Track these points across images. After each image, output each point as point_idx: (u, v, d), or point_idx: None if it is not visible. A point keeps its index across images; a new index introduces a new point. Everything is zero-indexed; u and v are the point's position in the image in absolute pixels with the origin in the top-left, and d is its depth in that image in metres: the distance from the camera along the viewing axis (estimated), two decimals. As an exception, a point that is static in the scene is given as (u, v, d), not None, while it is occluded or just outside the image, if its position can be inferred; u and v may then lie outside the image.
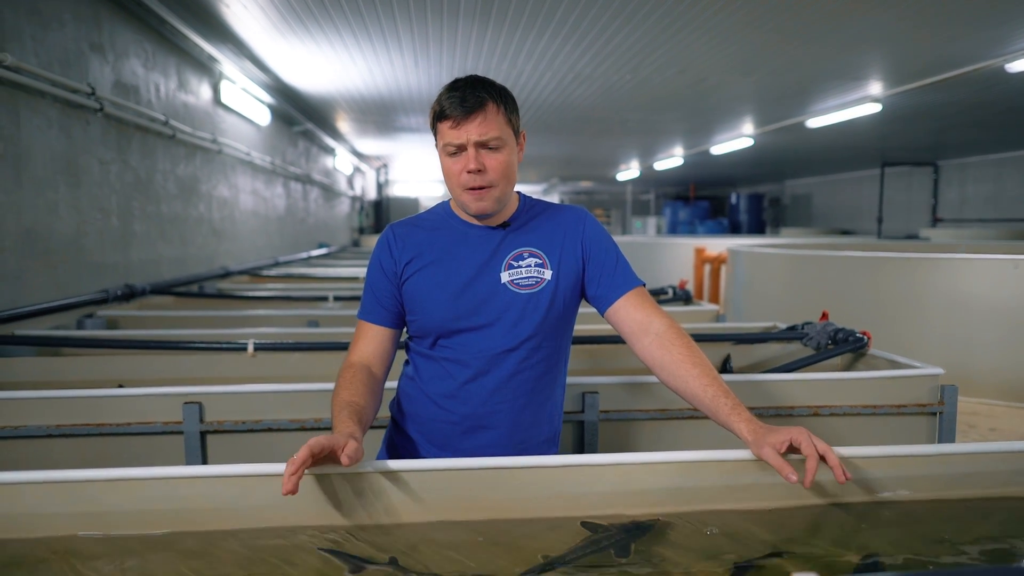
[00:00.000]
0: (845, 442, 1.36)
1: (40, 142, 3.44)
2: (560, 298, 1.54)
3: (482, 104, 1.43)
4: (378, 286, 1.56)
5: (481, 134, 1.43)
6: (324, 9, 4.74)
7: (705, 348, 2.88)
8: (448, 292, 1.51)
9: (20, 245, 3.29)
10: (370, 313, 1.57)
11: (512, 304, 1.50)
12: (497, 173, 1.46)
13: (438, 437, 1.55)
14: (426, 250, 1.54)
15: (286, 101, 7.68)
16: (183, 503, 1.22)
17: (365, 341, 1.56)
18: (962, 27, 5.15)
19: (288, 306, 4.19)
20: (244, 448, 2.03)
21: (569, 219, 1.59)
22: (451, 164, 1.47)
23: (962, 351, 4.84)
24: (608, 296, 1.55)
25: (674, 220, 21.02)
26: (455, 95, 1.43)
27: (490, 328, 1.50)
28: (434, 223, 1.59)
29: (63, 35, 3.65)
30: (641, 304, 1.54)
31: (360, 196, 16.40)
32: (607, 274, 1.55)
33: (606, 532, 1.21)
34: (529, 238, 1.55)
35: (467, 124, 1.42)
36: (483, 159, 1.44)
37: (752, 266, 6.38)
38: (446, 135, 1.45)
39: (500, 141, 1.45)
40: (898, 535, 1.22)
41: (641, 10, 4.74)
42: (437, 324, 1.52)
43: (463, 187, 1.46)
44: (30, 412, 1.96)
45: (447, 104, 1.44)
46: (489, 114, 1.43)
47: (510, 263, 1.52)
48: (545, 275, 1.53)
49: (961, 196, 13.59)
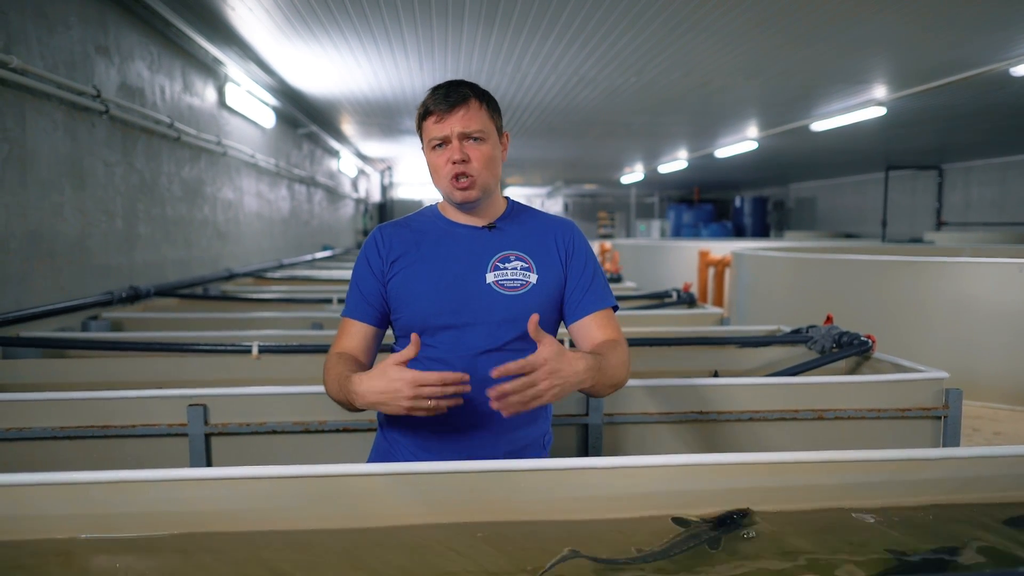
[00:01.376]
0: (850, 445, 1.36)
1: (46, 144, 3.46)
2: (545, 302, 1.55)
3: (465, 99, 1.49)
4: (364, 284, 1.57)
5: (464, 126, 1.48)
6: (329, 12, 4.75)
7: (709, 351, 2.90)
8: (432, 288, 1.52)
9: (25, 247, 3.30)
10: (354, 310, 1.58)
11: (496, 305, 1.51)
12: (480, 163, 1.50)
13: (424, 439, 1.55)
14: (412, 248, 1.56)
15: (291, 104, 7.70)
16: (188, 505, 1.22)
17: (348, 337, 1.57)
18: (967, 31, 5.15)
19: (292, 308, 4.20)
20: (248, 450, 2.03)
21: (556, 228, 1.61)
22: (436, 158, 1.51)
23: (966, 355, 4.82)
24: (577, 312, 1.57)
25: (678, 223, 21.00)
26: (438, 92, 1.50)
27: (472, 328, 1.51)
28: (421, 223, 1.61)
29: (69, 38, 3.66)
30: (604, 326, 1.56)
31: (364, 198, 16.42)
32: (581, 289, 1.57)
33: (698, 527, 1.22)
34: (516, 241, 1.57)
35: (450, 117, 1.48)
36: (467, 150, 1.49)
37: (756, 269, 6.38)
38: (431, 130, 1.50)
39: (483, 133, 1.50)
40: (902, 540, 1.22)
41: (646, 13, 4.74)
42: (420, 320, 1.52)
43: (448, 177, 1.50)
44: (35, 414, 1.96)
45: (431, 102, 1.50)
46: (472, 108, 1.49)
47: (496, 264, 1.54)
48: (531, 278, 1.54)
49: (966, 200, 13.55)
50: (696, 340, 2.91)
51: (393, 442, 1.60)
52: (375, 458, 1.65)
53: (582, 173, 18.30)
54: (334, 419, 2.03)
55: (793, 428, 2.15)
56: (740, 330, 3.26)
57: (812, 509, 1.30)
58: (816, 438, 2.15)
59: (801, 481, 1.31)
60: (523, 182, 21.40)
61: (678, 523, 1.24)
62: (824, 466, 1.32)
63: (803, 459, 1.31)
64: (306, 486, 1.23)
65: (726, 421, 2.13)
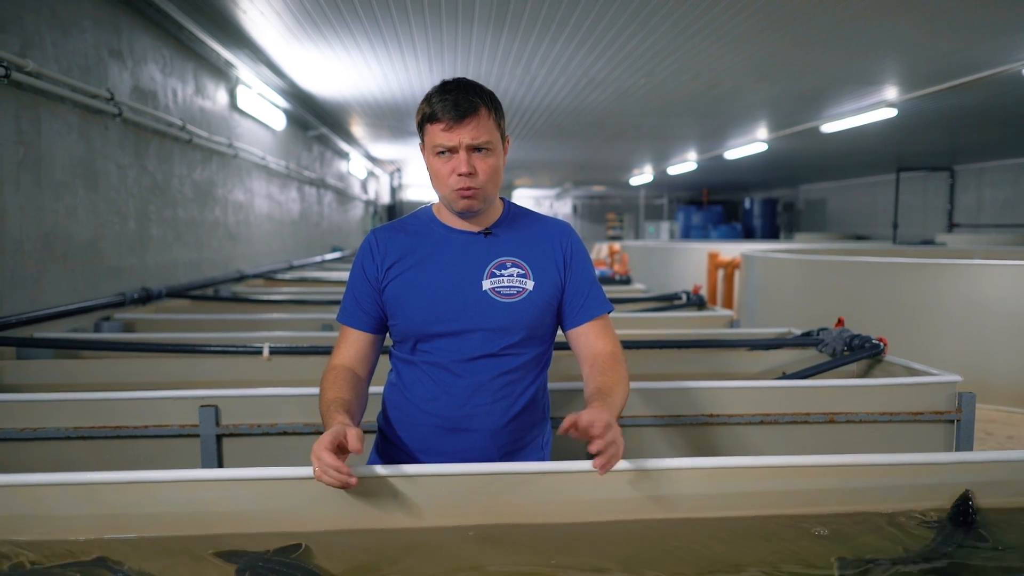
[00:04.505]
0: (861, 449, 1.36)
1: (60, 147, 3.48)
2: (542, 308, 1.54)
3: (476, 109, 1.45)
4: (360, 291, 1.57)
5: (474, 138, 1.45)
6: (340, 15, 4.77)
7: (719, 354, 2.89)
8: (428, 296, 1.51)
9: (39, 248, 3.33)
10: (351, 317, 1.58)
11: (492, 312, 1.51)
12: (486, 176, 1.48)
13: (423, 442, 1.55)
14: (408, 254, 1.55)
15: (301, 106, 7.73)
16: (199, 506, 1.22)
17: (347, 345, 1.57)
18: (978, 33, 5.11)
19: (302, 310, 4.21)
20: (259, 451, 2.04)
21: (553, 232, 1.60)
22: (440, 165, 1.49)
23: (979, 358, 4.79)
24: (575, 319, 1.57)
25: (687, 225, 20.94)
26: (447, 98, 1.45)
27: (470, 334, 1.51)
28: (417, 228, 1.60)
29: (83, 41, 3.69)
30: (602, 333, 1.56)
31: (373, 200, 16.47)
32: (580, 296, 1.57)
33: (938, 524, 1.24)
34: (512, 247, 1.56)
35: (460, 128, 1.45)
36: (474, 162, 1.47)
37: (766, 271, 6.35)
38: (437, 137, 1.47)
39: (491, 144, 1.48)
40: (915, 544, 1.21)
41: (656, 15, 4.73)
42: (416, 328, 1.52)
43: (452, 188, 1.48)
44: (48, 414, 1.98)
45: (439, 107, 1.45)
46: (482, 119, 1.46)
47: (492, 271, 1.53)
48: (527, 285, 1.53)
49: (978, 201, 13.45)
50: (706, 343, 2.90)
51: (390, 443, 1.61)
52: (373, 460, 1.65)
53: (591, 175, 18.28)
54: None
55: (804, 431, 2.14)
56: (750, 333, 3.25)
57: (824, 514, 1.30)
58: (827, 442, 2.13)
59: (812, 485, 1.30)
60: (532, 184, 21.39)
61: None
62: (835, 470, 1.31)
63: (814, 463, 1.31)
64: (317, 487, 1.24)
65: (736, 424, 2.12)
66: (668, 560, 1.17)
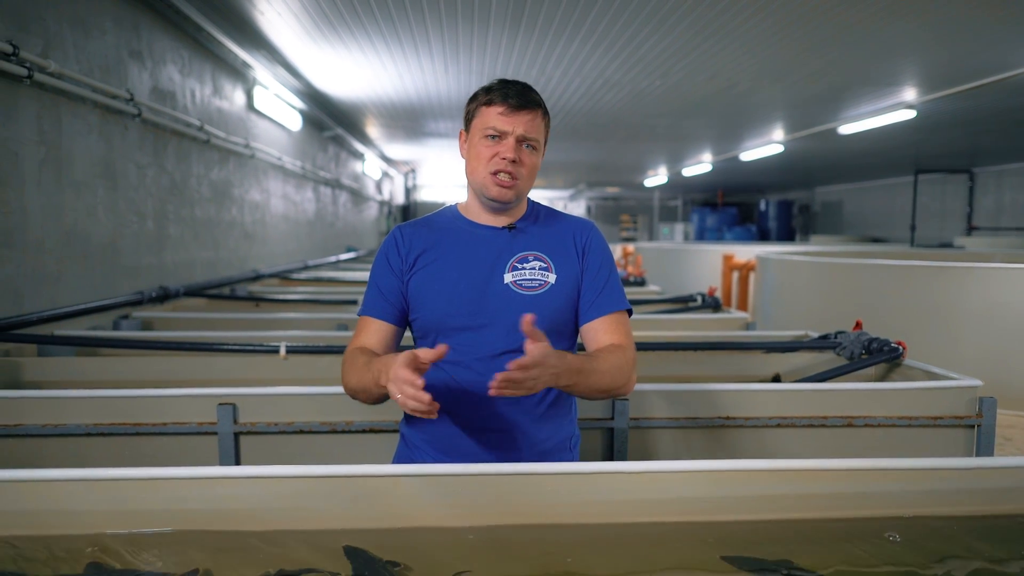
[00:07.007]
0: (879, 454, 1.35)
1: (80, 146, 3.52)
2: (564, 302, 1.54)
3: (535, 105, 1.52)
4: (384, 282, 1.56)
5: (527, 130, 1.50)
6: (356, 16, 4.80)
7: (735, 356, 2.87)
8: (449, 288, 1.52)
9: (60, 247, 3.37)
10: (372, 308, 1.56)
11: (513, 305, 1.50)
12: (528, 171, 1.52)
13: (444, 442, 1.55)
14: (432, 248, 1.56)
15: (317, 107, 7.77)
16: (217, 503, 1.23)
17: (367, 334, 1.56)
18: (998, 34, 5.06)
19: (317, 309, 4.23)
20: (277, 449, 2.05)
21: (576, 228, 1.61)
22: (485, 147, 1.51)
23: (998, 362, 4.73)
24: (588, 314, 1.56)
25: (702, 226, 20.84)
26: (511, 88, 1.50)
27: (490, 328, 1.50)
28: (442, 224, 1.61)
29: (104, 43, 3.73)
30: (614, 329, 1.55)
31: (388, 200, 16.52)
32: (594, 291, 1.57)
33: None
34: (535, 242, 1.57)
35: (518, 117, 1.49)
36: (520, 154, 1.50)
37: (782, 274, 6.31)
38: (492, 119, 1.50)
39: (537, 144, 1.53)
40: (933, 551, 1.20)
41: (671, 16, 4.72)
42: (437, 320, 1.52)
43: (491, 170, 1.50)
44: (69, 411, 2.00)
45: (501, 94, 1.49)
46: (537, 116, 1.52)
47: (515, 265, 1.53)
48: (549, 278, 1.53)
49: (998, 204, 13.29)
50: (722, 345, 2.89)
51: (413, 447, 1.60)
52: (397, 462, 1.65)
53: (605, 176, 18.24)
54: (360, 419, 2.04)
55: (821, 435, 2.12)
56: (767, 335, 3.23)
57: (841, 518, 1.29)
58: (845, 446, 2.12)
59: (829, 489, 1.30)
60: (546, 185, 21.38)
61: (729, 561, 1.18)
62: (853, 474, 1.30)
63: (832, 467, 1.30)
64: (333, 486, 1.25)
65: (753, 427, 2.11)
66: (683, 564, 1.16)
